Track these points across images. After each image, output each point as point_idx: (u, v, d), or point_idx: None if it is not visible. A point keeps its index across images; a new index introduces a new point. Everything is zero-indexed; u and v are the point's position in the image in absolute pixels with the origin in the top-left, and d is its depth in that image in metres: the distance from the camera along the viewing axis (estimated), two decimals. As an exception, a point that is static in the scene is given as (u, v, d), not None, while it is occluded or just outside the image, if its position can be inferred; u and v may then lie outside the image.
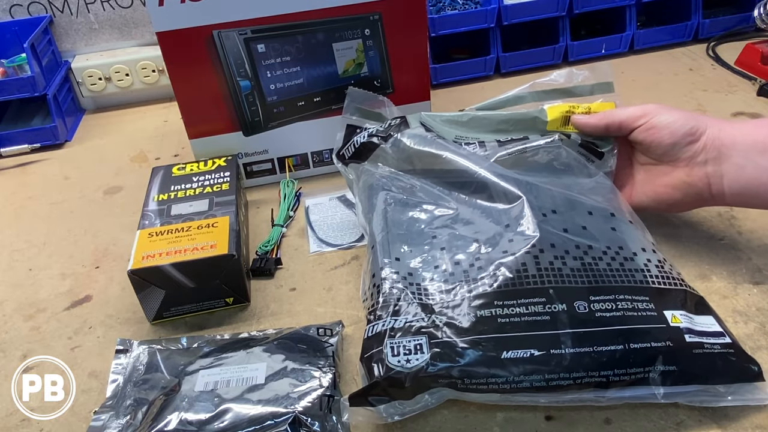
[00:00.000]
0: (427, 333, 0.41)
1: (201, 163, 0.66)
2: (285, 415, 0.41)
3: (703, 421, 0.42)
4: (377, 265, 0.47)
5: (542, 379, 0.40)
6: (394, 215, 0.51)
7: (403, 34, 0.68)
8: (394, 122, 0.58)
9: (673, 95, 0.85)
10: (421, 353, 0.40)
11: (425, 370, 0.39)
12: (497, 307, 0.42)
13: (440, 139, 0.56)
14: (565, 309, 0.42)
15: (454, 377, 0.39)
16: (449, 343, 0.40)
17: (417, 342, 0.40)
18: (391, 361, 0.40)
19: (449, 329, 0.41)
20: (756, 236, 0.58)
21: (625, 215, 0.51)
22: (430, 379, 0.39)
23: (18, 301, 0.59)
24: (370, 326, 0.43)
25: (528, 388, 0.40)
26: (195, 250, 0.53)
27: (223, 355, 0.47)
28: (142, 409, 0.44)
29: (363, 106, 0.61)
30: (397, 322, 0.42)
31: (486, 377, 0.40)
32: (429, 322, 0.42)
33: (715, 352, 0.41)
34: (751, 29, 0.97)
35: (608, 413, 0.43)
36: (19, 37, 0.88)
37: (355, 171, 0.58)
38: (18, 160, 0.85)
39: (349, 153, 0.58)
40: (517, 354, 0.40)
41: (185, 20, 0.62)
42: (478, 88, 0.94)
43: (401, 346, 0.40)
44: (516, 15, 0.91)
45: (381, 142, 0.56)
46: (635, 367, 0.40)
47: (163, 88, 0.97)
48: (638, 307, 0.43)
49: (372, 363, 0.40)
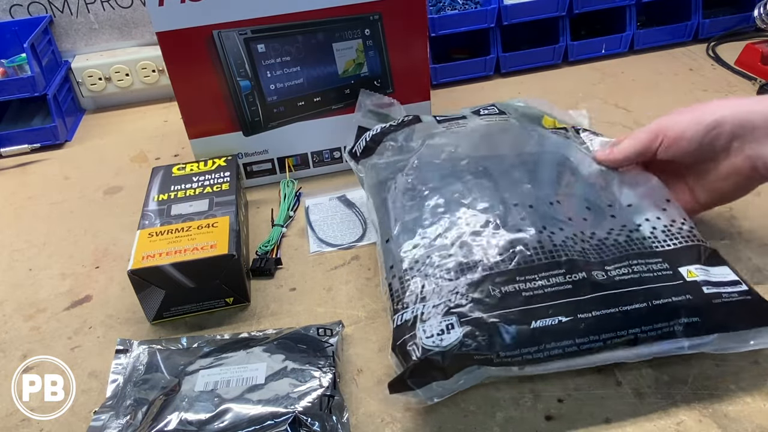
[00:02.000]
0: (456, 313, 0.42)
1: (201, 163, 0.66)
2: (285, 415, 0.41)
3: (703, 421, 0.42)
4: (396, 256, 0.48)
5: (573, 344, 0.41)
6: (405, 202, 0.52)
7: (403, 34, 0.68)
8: (407, 119, 0.59)
9: (673, 95, 0.85)
10: (454, 331, 0.41)
11: (460, 348, 0.40)
12: (519, 282, 0.43)
13: (454, 128, 0.57)
14: (585, 277, 0.44)
15: (489, 352, 0.40)
16: (479, 319, 0.41)
17: (448, 322, 0.41)
18: (426, 342, 0.40)
19: (477, 307, 0.42)
20: (756, 236, 0.58)
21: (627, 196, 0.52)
22: (466, 357, 0.40)
23: (18, 301, 0.60)
24: (398, 315, 0.44)
25: (560, 354, 0.41)
26: (195, 250, 0.53)
27: (223, 355, 0.47)
28: (142, 409, 0.44)
29: (374, 108, 0.62)
30: (425, 307, 0.43)
31: (519, 348, 0.40)
32: (456, 302, 0.42)
33: (733, 300, 0.43)
34: (751, 29, 0.97)
35: (608, 413, 0.43)
36: (19, 37, 0.88)
37: (365, 167, 0.59)
38: (18, 160, 0.85)
39: (360, 149, 0.60)
40: (546, 322, 0.41)
41: (185, 20, 0.62)
42: (478, 88, 0.94)
43: (433, 327, 0.41)
44: (516, 15, 0.91)
45: (394, 136, 0.57)
46: (660, 322, 0.42)
47: (163, 88, 0.97)
48: (653, 268, 0.45)
49: (407, 348, 0.41)
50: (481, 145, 0.55)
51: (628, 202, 0.52)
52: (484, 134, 0.57)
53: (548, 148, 0.56)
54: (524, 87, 0.92)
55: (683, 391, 0.44)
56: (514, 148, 0.56)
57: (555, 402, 0.44)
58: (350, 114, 0.71)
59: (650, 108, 0.82)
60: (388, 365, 0.49)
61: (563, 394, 0.45)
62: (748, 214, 0.61)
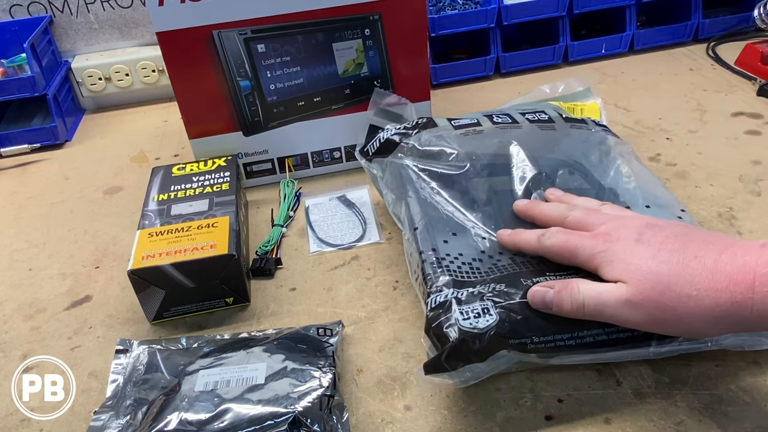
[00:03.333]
0: (491, 299, 0.42)
1: (201, 163, 0.66)
2: (285, 415, 0.41)
3: (703, 421, 0.42)
4: (426, 245, 0.49)
5: (603, 332, 0.42)
6: (432, 197, 0.53)
7: (403, 34, 0.68)
8: (420, 121, 0.60)
9: (673, 95, 0.85)
10: (490, 315, 0.41)
11: (496, 330, 0.41)
12: (549, 275, 0.45)
13: (471, 134, 0.58)
14: None
15: (524, 337, 0.41)
16: (514, 305, 0.42)
17: (483, 306, 0.42)
18: (463, 324, 0.41)
19: (511, 293, 0.43)
20: (756, 236, 0.58)
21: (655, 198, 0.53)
22: (501, 340, 0.41)
23: (18, 301, 0.60)
24: (432, 298, 0.44)
25: (591, 343, 0.42)
26: (195, 250, 0.53)
27: (223, 355, 0.47)
28: (142, 409, 0.44)
29: (386, 107, 0.62)
30: (460, 293, 0.43)
31: (552, 334, 0.41)
32: (490, 288, 0.43)
33: None
34: (751, 29, 0.97)
35: (608, 413, 0.43)
36: (19, 37, 0.88)
37: (380, 165, 0.59)
38: (18, 160, 0.85)
39: (373, 149, 0.60)
40: None
41: (185, 20, 0.62)
42: (478, 88, 0.94)
43: (470, 311, 0.42)
44: (516, 15, 0.91)
45: (406, 137, 0.58)
46: None
47: (163, 88, 0.97)
48: None
49: (443, 330, 0.41)
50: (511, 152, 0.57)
51: (645, 204, 0.52)
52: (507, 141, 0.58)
53: (567, 152, 0.57)
54: (524, 87, 0.92)
55: (683, 391, 0.44)
56: (542, 150, 0.57)
57: (555, 402, 0.44)
58: (350, 114, 0.71)
59: (650, 108, 0.82)
60: (388, 365, 0.49)
61: (563, 394, 0.45)
62: (749, 214, 0.61)
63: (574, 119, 0.63)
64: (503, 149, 0.56)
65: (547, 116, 0.61)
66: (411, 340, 0.51)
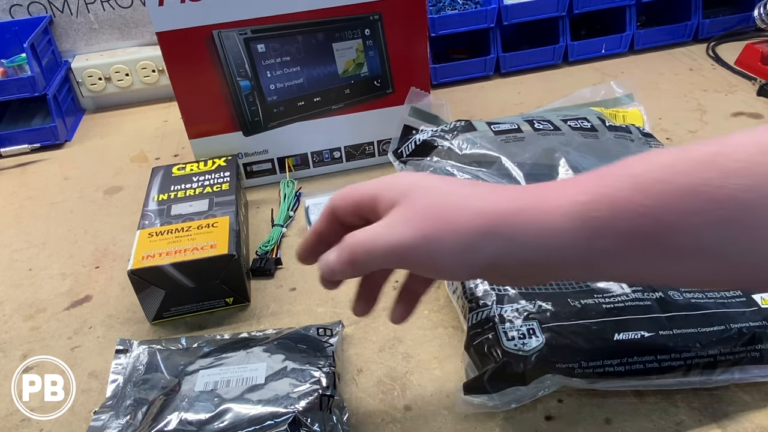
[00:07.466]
0: (537, 319, 0.41)
1: (201, 163, 0.66)
2: (285, 415, 0.41)
3: (703, 421, 0.42)
4: None
5: (654, 360, 0.41)
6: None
7: (403, 34, 0.68)
8: (459, 124, 0.59)
9: (673, 95, 0.85)
10: (536, 337, 0.40)
11: (543, 354, 0.39)
12: (598, 296, 0.43)
13: (513, 141, 0.57)
14: (662, 296, 0.43)
15: (571, 362, 0.40)
16: (562, 328, 0.41)
17: (529, 327, 0.41)
18: (507, 345, 0.40)
19: (558, 315, 0.42)
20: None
21: None
22: (547, 364, 0.39)
23: (18, 301, 0.59)
24: (473, 313, 0.43)
25: (641, 370, 0.41)
26: (195, 250, 0.53)
27: (223, 355, 0.47)
28: (142, 409, 0.44)
29: (421, 107, 0.62)
30: (503, 310, 0.42)
31: (602, 359, 0.40)
32: (536, 308, 0.42)
33: None
34: (751, 29, 0.97)
35: (608, 413, 0.43)
36: (19, 37, 0.88)
37: (416, 168, 0.59)
38: (18, 160, 0.85)
39: (408, 151, 0.59)
40: (629, 336, 0.41)
41: (185, 20, 0.62)
42: (478, 88, 0.94)
43: (515, 330, 0.40)
44: (516, 15, 0.91)
45: (443, 140, 0.57)
46: (739, 347, 0.41)
47: (163, 88, 0.97)
48: (726, 295, 0.45)
49: (486, 349, 0.40)
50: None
51: None
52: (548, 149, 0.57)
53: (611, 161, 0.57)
54: (524, 87, 0.92)
55: (683, 392, 0.44)
56: (585, 159, 0.56)
57: (555, 402, 0.44)
58: (350, 114, 0.71)
59: (650, 108, 0.82)
60: (388, 365, 0.49)
61: (563, 394, 0.45)
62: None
63: (617, 127, 0.61)
64: (546, 157, 0.55)
65: (590, 124, 0.60)
66: (411, 341, 0.51)
